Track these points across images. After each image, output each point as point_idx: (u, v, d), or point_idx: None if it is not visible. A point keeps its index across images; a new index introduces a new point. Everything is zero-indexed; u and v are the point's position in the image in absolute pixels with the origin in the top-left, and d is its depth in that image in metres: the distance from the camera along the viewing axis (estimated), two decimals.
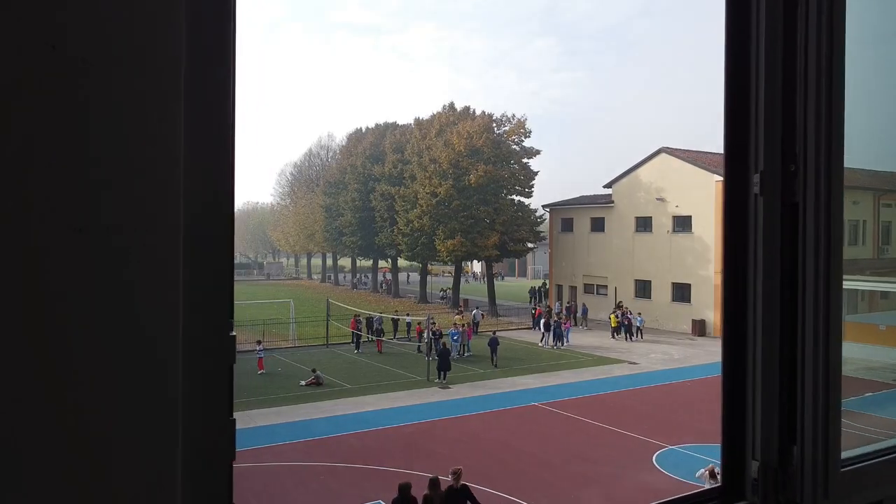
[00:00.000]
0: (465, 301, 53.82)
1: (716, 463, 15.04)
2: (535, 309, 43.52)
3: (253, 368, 28.28)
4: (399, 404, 22.37)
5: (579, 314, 43.90)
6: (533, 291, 62.27)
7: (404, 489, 11.69)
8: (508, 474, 15.87)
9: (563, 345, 34.55)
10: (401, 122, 63.24)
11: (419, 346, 30.31)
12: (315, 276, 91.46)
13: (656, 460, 16.79)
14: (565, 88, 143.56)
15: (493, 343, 30.07)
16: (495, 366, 28.80)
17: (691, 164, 40.27)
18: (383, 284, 70.70)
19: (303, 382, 25.26)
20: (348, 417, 20.57)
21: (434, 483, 11.85)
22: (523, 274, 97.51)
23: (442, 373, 25.81)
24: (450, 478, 12.10)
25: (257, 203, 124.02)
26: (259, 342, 29.38)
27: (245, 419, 20.45)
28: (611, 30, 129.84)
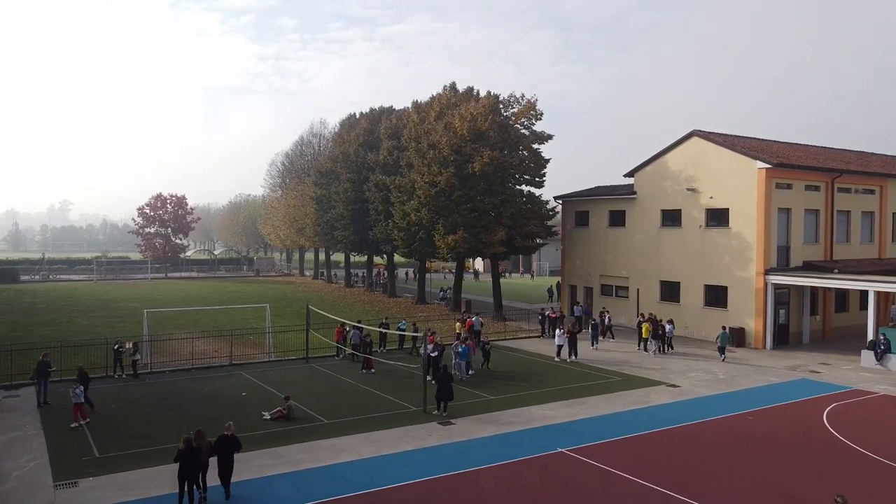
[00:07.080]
0: (468, 302, 48.77)
1: None
2: (543, 313, 38.10)
3: (211, 394, 23.05)
4: (385, 451, 17.23)
5: (577, 314, 39.83)
6: (550, 291, 57.52)
7: (188, 440, 13.32)
8: None
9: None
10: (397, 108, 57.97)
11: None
12: (308, 273, 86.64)
13: None
14: (564, 81, 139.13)
15: (485, 346, 28.73)
16: (488, 368, 27.68)
17: (729, 149, 35.03)
18: (379, 282, 65.84)
19: (267, 416, 20.08)
20: (317, 474, 15.47)
21: (200, 434, 13.74)
22: (527, 271, 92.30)
23: (442, 402, 20.74)
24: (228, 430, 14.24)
25: (249, 195, 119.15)
26: (79, 379, 20.16)
27: (171, 478, 15.17)
28: (609, 22, 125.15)
